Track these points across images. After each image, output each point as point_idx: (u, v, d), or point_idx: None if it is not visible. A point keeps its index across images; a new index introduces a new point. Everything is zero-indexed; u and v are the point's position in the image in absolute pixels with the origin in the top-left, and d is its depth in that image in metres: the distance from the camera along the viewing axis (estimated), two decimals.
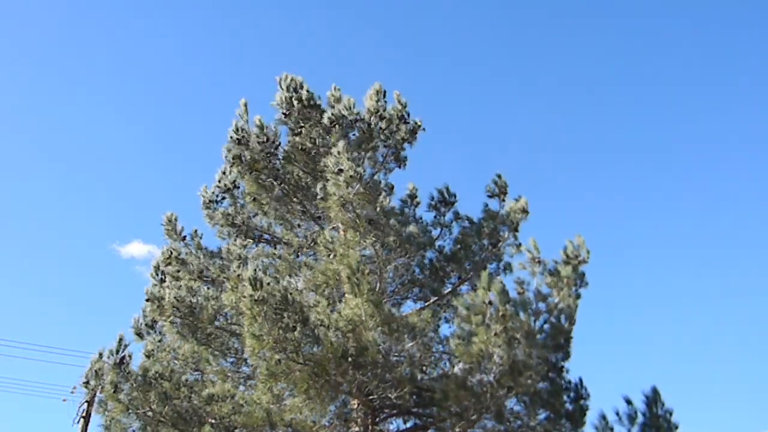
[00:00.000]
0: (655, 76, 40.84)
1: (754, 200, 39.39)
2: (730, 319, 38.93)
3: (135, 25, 42.06)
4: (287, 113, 9.89)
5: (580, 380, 8.11)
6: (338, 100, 10.25)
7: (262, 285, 6.83)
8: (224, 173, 10.64)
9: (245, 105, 9.88)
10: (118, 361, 7.34)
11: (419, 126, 10.56)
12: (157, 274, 9.33)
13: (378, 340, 7.17)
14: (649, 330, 41.36)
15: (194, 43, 43.29)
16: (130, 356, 7.51)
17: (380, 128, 10.21)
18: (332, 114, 9.78)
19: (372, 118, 10.03)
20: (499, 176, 10.46)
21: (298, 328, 6.79)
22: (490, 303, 6.57)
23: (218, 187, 10.76)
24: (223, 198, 10.80)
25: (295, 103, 9.83)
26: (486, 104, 44.04)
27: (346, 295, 7.57)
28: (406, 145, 10.63)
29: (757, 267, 38.70)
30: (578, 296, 7.43)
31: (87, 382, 7.39)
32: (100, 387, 7.38)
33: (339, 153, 7.92)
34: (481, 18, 41.69)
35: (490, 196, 10.35)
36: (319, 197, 8.66)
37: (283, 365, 6.90)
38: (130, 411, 7.29)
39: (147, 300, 8.81)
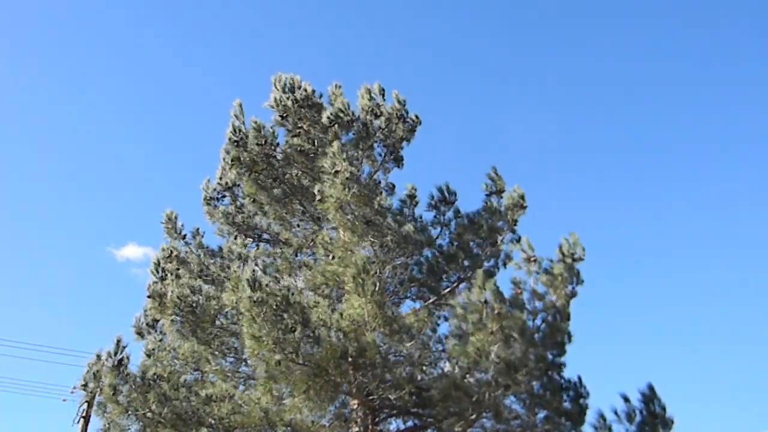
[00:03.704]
0: (654, 76, 40.74)
1: (753, 200, 39.34)
2: (730, 319, 38.88)
3: (131, 26, 42.00)
4: (283, 115, 9.85)
5: (579, 379, 8.09)
6: (339, 98, 10.21)
7: (261, 286, 6.82)
8: (224, 170, 10.59)
9: (240, 106, 9.79)
10: (116, 363, 7.32)
11: (418, 122, 10.46)
12: (158, 271, 9.24)
13: (378, 341, 7.16)
14: (648, 330, 41.33)
15: (192, 42, 43.22)
16: (128, 358, 7.49)
17: (378, 127, 10.18)
18: (331, 113, 9.75)
19: (368, 117, 9.99)
20: (495, 171, 10.28)
21: (299, 329, 6.78)
22: (486, 302, 6.57)
23: (219, 184, 10.72)
24: (224, 196, 10.77)
25: (291, 103, 9.77)
26: (485, 103, 43.96)
27: (350, 294, 7.54)
28: (404, 143, 10.59)
29: (757, 266, 38.66)
30: (573, 294, 7.42)
31: (85, 385, 7.37)
32: (99, 389, 7.37)
33: (335, 154, 7.89)
34: (480, 16, 41.60)
35: (488, 195, 10.21)
36: (317, 199, 8.65)
37: (283, 366, 6.90)
38: (129, 413, 7.28)
39: (149, 296, 8.75)
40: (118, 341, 7.50)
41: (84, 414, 19.50)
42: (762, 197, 38.30)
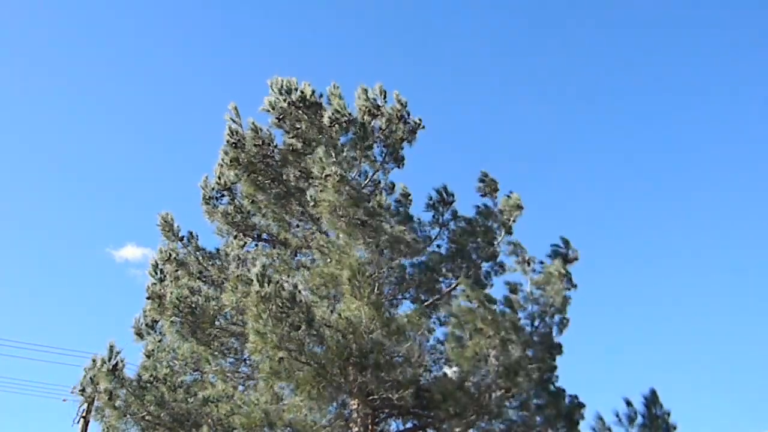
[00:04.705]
0: (650, 76, 40.74)
1: (753, 199, 39.33)
2: (730, 319, 38.85)
3: (129, 27, 41.99)
4: (281, 117, 9.82)
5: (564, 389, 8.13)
6: (336, 99, 10.19)
7: (269, 282, 6.81)
8: (223, 170, 10.53)
9: (236, 108, 9.77)
10: (111, 368, 7.29)
11: (419, 125, 10.45)
12: (156, 272, 9.18)
13: (381, 342, 7.14)
14: (648, 330, 41.31)
15: (190, 43, 43.21)
16: (122, 362, 7.44)
17: (378, 128, 10.16)
18: (330, 114, 9.73)
19: (365, 118, 9.97)
20: (486, 174, 10.34)
21: (303, 327, 6.77)
22: (476, 309, 6.56)
23: (218, 184, 10.68)
24: (222, 195, 10.73)
25: (287, 105, 9.73)
26: (482, 104, 43.98)
27: (346, 296, 7.53)
28: (405, 144, 10.56)
29: (757, 266, 38.64)
30: (568, 297, 7.41)
31: (83, 390, 7.34)
32: (97, 394, 7.34)
33: (321, 158, 7.85)
34: (478, 17, 41.58)
35: (482, 195, 10.22)
36: (311, 201, 8.62)
37: (286, 363, 6.89)
38: (127, 416, 7.26)
39: (148, 298, 8.72)
40: (111, 347, 7.45)
41: (84, 414, 19.51)
42: (762, 197, 38.29)
